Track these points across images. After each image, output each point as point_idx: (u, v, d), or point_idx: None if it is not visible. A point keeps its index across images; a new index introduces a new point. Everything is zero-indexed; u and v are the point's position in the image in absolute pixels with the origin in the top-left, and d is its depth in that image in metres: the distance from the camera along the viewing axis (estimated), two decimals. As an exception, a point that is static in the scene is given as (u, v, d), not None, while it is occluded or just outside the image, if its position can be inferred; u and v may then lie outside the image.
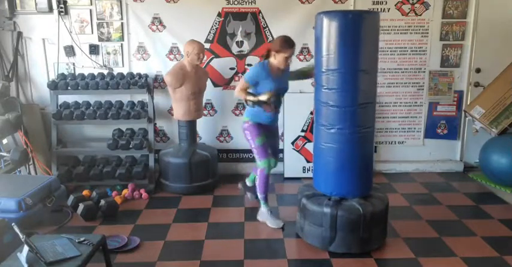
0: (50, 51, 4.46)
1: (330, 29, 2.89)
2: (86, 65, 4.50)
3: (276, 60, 3.26)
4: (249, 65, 4.53)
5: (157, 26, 4.43)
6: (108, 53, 4.50)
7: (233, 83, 4.58)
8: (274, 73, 3.31)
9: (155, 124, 4.56)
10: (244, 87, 3.30)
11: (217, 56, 4.52)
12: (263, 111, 3.34)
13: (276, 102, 3.33)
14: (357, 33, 2.85)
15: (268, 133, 3.52)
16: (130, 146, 4.20)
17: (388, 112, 4.73)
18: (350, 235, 2.98)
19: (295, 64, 4.53)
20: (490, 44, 4.55)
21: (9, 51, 4.43)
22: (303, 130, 4.55)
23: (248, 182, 3.96)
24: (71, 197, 3.72)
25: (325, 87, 2.97)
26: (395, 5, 4.48)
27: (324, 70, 2.96)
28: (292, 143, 4.58)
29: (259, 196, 3.52)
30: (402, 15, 4.50)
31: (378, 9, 4.46)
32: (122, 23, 4.42)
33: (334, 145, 3.00)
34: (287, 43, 3.24)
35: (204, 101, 4.43)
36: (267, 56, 3.33)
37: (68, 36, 4.41)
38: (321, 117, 3.05)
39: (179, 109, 4.14)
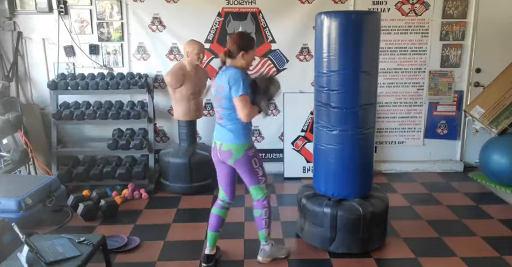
0: (50, 51, 4.46)
1: (330, 30, 2.86)
2: (86, 65, 4.50)
3: (244, 60, 2.70)
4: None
5: (157, 26, 4.43)
6: (108, 53, 4.50)
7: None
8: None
9: (155, 124, 4.56)
10: (249, 101, 2.64)
11: (217, 56, 4.50)
12: (250, 124, 2.78)
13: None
14: (358, 34, 2.83)
15: None
16: (130, 146, 4.20)
17: (388, 112, 4.73)
18: (350, 235, 2.98)
19: (296, 65, 4.56)
20: (490, 44, 4.55)
21: (9, 51, 4.43)
22: (303, 130, 4.55)
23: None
24: (71, 197, 3.72)
25: (326, 89, 2.95)
26: (395, 5, 4.48)
27: (325, 71, 2.94)
28: (292, 143, 4.57)
29: (267, 231, 2.90)
30: (402, 15, 4.50)
31: (377, 9, 4.45)
32: (122, 23, 4.42)
33: (335, 146, 2.99)
34: (253, 39, 2.79)
35: (204, 101, 4.43)
36: (229, 58, 2.70)
37: (68, 36, 4.40)
38: (322, 118, 3.04)
39: (179, 109, 4.14)
